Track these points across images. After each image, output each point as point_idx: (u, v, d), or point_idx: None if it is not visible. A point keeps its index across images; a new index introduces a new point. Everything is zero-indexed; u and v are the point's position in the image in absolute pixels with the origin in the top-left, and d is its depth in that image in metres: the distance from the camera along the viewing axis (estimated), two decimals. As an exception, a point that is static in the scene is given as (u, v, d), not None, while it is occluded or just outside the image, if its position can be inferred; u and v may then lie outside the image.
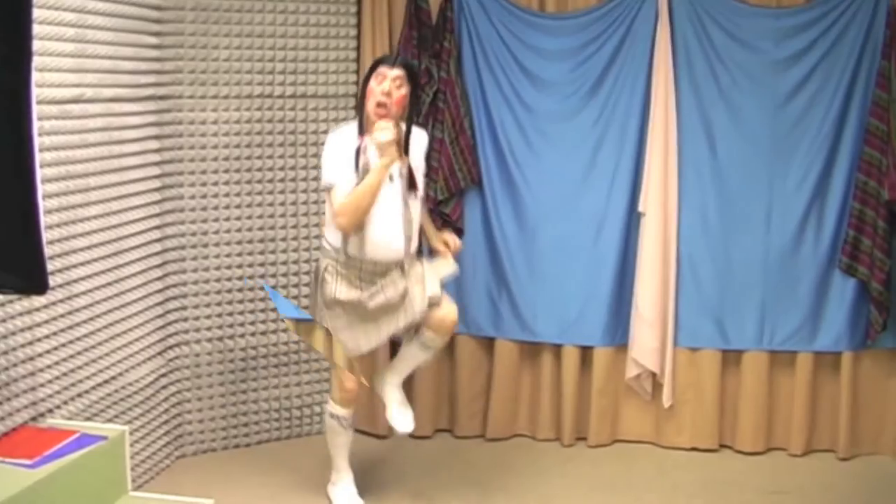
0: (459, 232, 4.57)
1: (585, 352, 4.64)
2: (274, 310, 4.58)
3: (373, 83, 3.65)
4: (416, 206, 3.78)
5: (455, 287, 4.62)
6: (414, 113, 3.80)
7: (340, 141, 3.69)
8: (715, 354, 4.57)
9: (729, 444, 4.64)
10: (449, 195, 4.54)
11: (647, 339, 4.51)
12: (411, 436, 4.70)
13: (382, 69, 3.64)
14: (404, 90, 3.66)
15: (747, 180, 4.48)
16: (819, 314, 4.50)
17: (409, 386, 4.72)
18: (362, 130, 3.66)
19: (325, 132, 4.58)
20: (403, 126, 3.72)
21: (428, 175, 4.30)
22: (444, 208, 4.56)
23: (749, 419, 4.58)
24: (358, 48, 4.61)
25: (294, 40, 4.50)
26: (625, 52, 4.47)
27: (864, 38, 4.36)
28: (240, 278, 4.51)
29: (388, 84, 3.61)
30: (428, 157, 3.99)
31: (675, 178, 4.47)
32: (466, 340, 4.70)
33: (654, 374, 4.59)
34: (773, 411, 4.59)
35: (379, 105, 3.62)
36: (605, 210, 4.53)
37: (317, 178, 4.60)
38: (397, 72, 3.64)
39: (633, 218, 4.53)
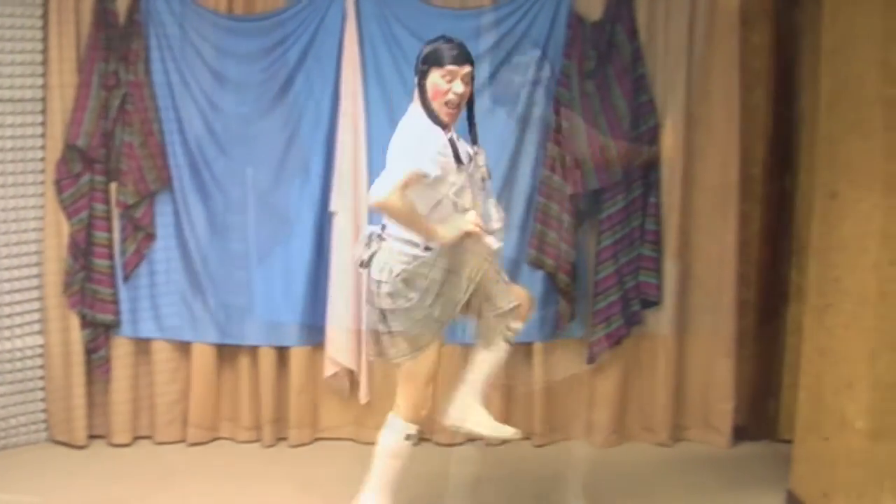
0: (150, 237, 4.55)
1: (283, 352, 4.65)
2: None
3: (440, 81, 3.30)
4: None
5: (148, 291, 4.60)
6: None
7: (425, 131, 3.32)
8: (411, 349, 4.62)
9: (427, 437, 4.69)
10: (139, 199, 4.50)
11: (342, 338, 4.55)
12: (110, 444, 4.67)
13: (451, 67, 3.29)
14: (470, 86, 3.39)
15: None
16: (509, 306, 4.61)
17: (105, 388, 4.64)
18: (440, 123, 3.33)
19: (11, 137, 4.49)
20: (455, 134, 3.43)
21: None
22: (134, 212, 4.51)
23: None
24: (45, 50, 4.50)
25: (-24, 42, 4.40)
26: (314, 53, 4.50)
27: (547, 38, 4.51)
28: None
29: (461, 86, 3.32)
30: None
31: (366, 176, 4.51)
32: (162, 345, 4.65)
33: (351, 372, 4.64)
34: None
35: (448, 104, 3.33)
36: (297, 210, 4.55)
37: (3, 185, 4.50)
38: (468, 68, 3.34)
39: (325, 217, 4.56)
